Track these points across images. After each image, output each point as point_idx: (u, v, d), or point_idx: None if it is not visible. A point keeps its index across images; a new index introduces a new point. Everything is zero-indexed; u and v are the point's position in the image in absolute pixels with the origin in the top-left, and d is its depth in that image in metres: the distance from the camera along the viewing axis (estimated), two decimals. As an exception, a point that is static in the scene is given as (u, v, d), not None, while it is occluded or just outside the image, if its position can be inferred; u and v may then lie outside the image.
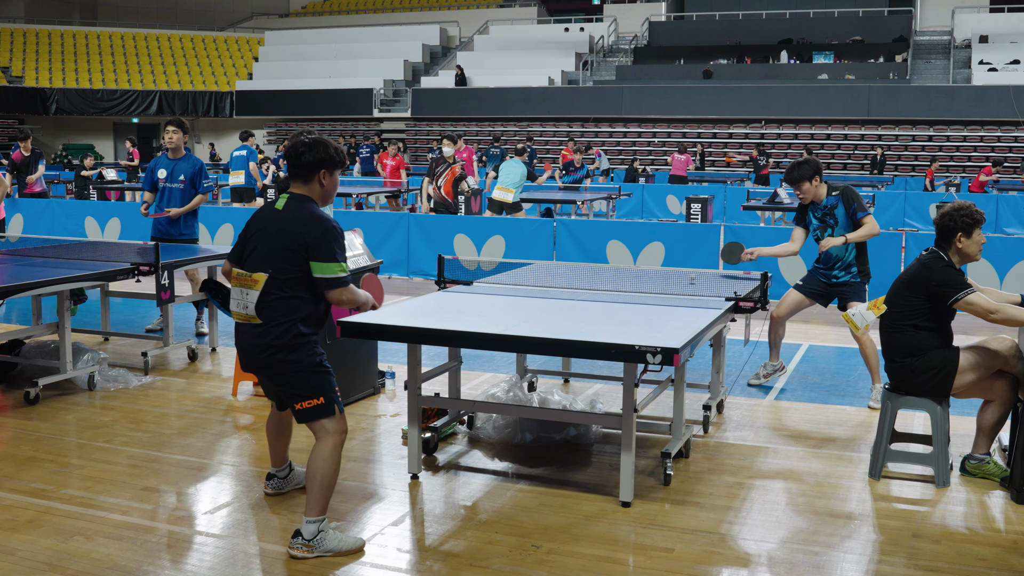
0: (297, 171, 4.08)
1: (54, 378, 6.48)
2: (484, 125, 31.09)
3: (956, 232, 4.96)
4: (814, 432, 5.91)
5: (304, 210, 4.04)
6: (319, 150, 4.06)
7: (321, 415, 4.05)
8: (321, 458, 4.03)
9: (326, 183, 4.12)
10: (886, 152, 25.56)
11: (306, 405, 4.04)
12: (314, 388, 4.05)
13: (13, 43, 34.86)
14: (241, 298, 4.06)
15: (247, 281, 4.03)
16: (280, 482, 4.72)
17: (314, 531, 4.00)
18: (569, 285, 6.09)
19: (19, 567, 3.91)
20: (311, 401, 4.04)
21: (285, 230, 4.00)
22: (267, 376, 4.17)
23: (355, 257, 6.32)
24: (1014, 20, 29.51)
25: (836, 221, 6.46)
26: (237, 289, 4.09)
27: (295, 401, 4.06)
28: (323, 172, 4.09)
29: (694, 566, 4.01)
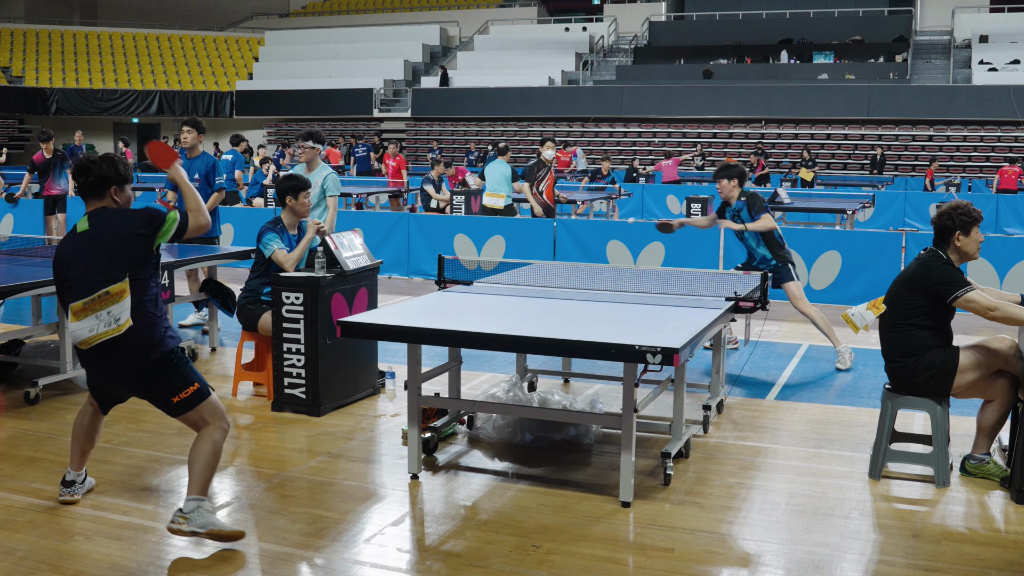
0: (87, 190, 4.15)
1: (54, 378, 6.48)
2: (484, 125, 31.10)
3: (954, 231, 4.96)
4: (814, 432, 5.91)
5: (114, 212, 4.14)
6: (105, 167, 4.13)
7: (197, 401, 4.13)
8: (202, 440, 4.13)
9: (119, 199, 4.21)
10: (886, 152, 25.57)
11: (183, 395, 4.11)
12: (185, 377, 4.12)
13: (13, 43, 34.87)
14: (102, 319, 4.01)
15: (105, 300, 4.01)
16: (79, 487, 4.60)
17: (193, 507, 4.07)
18: (569, 285, 6.09)
19: (19, 567, 3.91)
20: (187, 390, 4.11)
21: (113, 236, 4.06)
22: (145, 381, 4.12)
23: (355, 257, 6.33)
24: (1014, 20, 29.50)
25: (742, 221, 7.44)
26: (92, 316, 4.02)
27: (172, 395, 4.10)
28: (113, 188, 4.17)
29: (694, 566, 4.01)
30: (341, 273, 6.18)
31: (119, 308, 4.01)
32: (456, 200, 15.35)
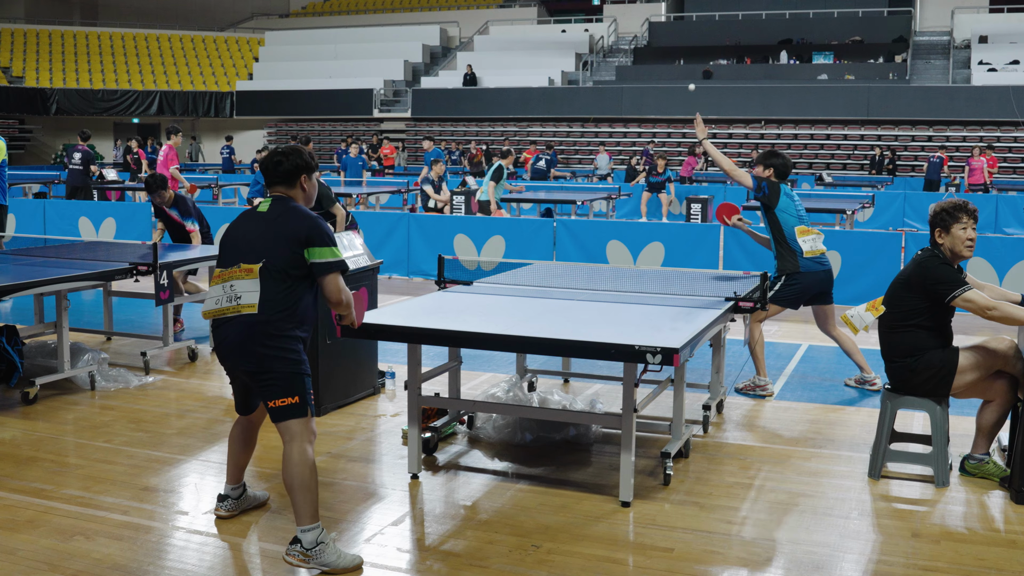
0: (277, 179, 4.17)
1: (52, 377, 6.48)
2: (484, 125, 31.09)
3: (934, 228, 4.98)
4: (814, 432, 5.92)
5: (292, 207, 4.13)
6: (295, 158, 4.19)
7: (292, 415, 4.01)
8: (292, 463, 3.98)
9: (307, 187, 4.24)
10: (897, 152, 25.54)
11: (279, 403, 4.00)
12: (292, 387, 4.01)
13: (13, 43, 34.86)
14: (225, 292, 4.01)
15: (235, 273, 4.00)
16: (234, 503, 4.47)
17: (312, 540, 3.91)
18: (569, 285, 6.09)
19: (19, 567, 3.91)
20: (286, 400, 4.00)
21: (278, 226, 4.05)
22: (253, 366, 4.01)
23: (355, 257, 6.32)
24: (1014, 20, 29.50)
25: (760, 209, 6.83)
26: (219, 285, 4.04)
27: (271, 398, 4.01)
28: (303, 177, 4.21)
29: (694, 566, 4.01)
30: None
31: (243, 286, 3.98)
32: (456, 200, 15.36)
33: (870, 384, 6.93)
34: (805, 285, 6.70)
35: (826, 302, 6.89)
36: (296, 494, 3.95)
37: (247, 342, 3.98)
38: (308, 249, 4.01)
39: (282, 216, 4.08)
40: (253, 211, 4.20)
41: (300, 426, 4.02)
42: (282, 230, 4.02)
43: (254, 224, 4.12)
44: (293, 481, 3.96)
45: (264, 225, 4.08)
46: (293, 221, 4.05)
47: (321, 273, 4.06)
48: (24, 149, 33.56)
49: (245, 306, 3.97)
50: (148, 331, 8.42)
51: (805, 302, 6.85)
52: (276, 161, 4.18)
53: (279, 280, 3.99)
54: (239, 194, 21.02)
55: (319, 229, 4.06)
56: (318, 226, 4.07)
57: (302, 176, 4.20)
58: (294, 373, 4.01)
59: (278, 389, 3.99)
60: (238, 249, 4.07)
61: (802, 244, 6.66)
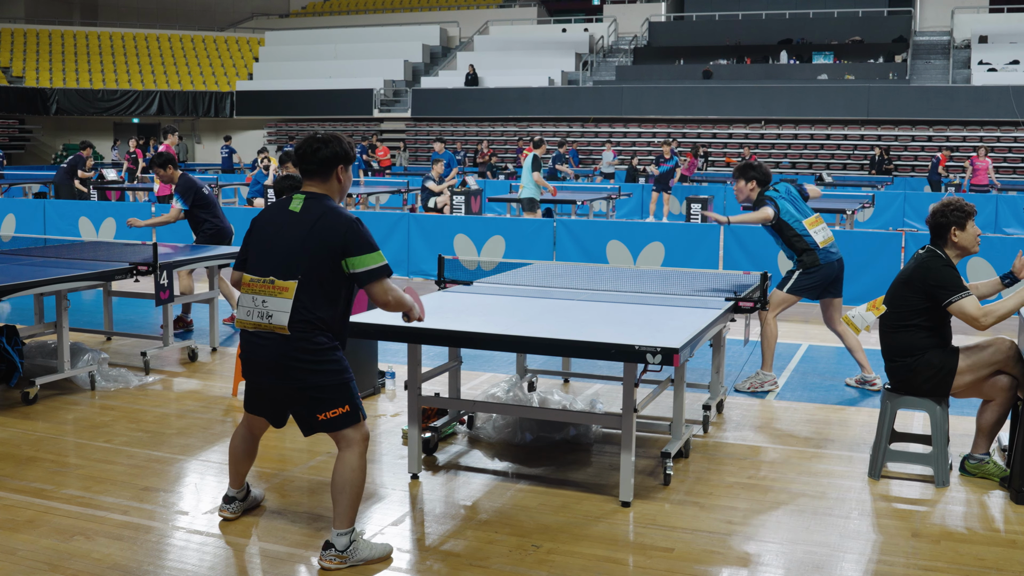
0: (314, 167, 3.93)
1: (52, 377, 6.48)
2: (484, 125, 31.10)
3: (950, 227, 4.97)
4: (814, 432, 5.92)
5: (328, 209, 3.88)
6: (335, 145, 3.94)
7: (347, 424, 3.90)
8: (350, 468, 3.90)
9: (343, 179, 4.01)
10: (890, 153, 25.54)
11: (331, 415, 3.88)
12: (342, 397, 3.89)
13: (13, 43, 34.86)
14: (257, 306, 3.85)
15: (270, 289, 3.83)
16: (240, 505, 4.41)
17: (346, 543, 3.90)
18: (569, 285, 6.09)
19: (19, 567, 3.91)
20: (337, 410, 3.88)
21: (312, 232, 3.82)
22: (297, 383, 3.88)
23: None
24: (1014, 20, 29.50)
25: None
26: (251, 296, 3.88)
27: (320, 411, 3.87)
28: (340, 167, 3.97)
29: (694, 566, 4.01)
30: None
31: (276, 304, 3.81)
32: (456, 200, 15.37)
33: (870, 384, 6.92)
34: (824, 275, 6.80)
35: (837, 293, 6.96)
36: (344, 497, 3.89)
37: (285, 360, 3.84)
38: (347, 260, 3.82)
39: (319, 221, 3.83)
40: (284, 208, 3.95)
41: (355, 432, 3.93)
42: (320, 239, 3.80)
43: (288, 228, 3.87)
44: (345, 485, 3.89)
45: (299, 230, 3.84)
46: (330, 228, 3.81)
47: (365, 283, 3.89)
48: (24, 149, 33.57)
49: (277, 326, 3.82)
50: (148, 331, 8.43)
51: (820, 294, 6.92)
52: (314, 148, 3.92)
53: (316, 294, 3.83)
54: (239, 194, 21.02)
55: (358, 235, 3.83)
56: (357, 231, 3.83)
57: (339, 166, 3.96)
58: (341, 383, 3.90)
59: (328, 402, 3.88)
60: (272, 256, 3.87)
61: (815, 236, 6.76)
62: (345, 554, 3.89)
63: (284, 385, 3.91)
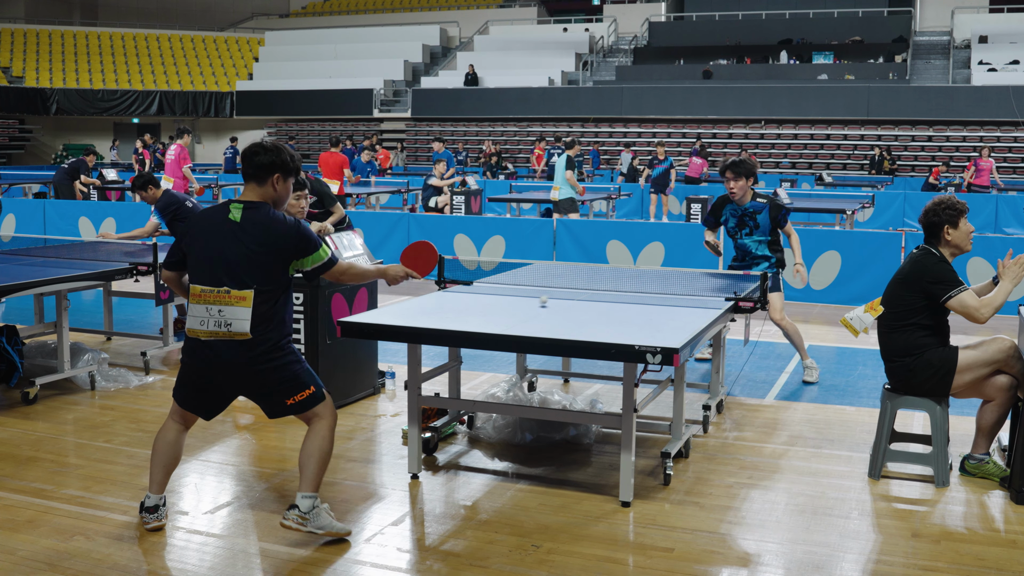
0: (251, 171, 4.09)
1: (52, 377, 6.48)
2: (484, 125, 31.10)
3: (943, 225, 4.98)
4: (814, 432, 5.92)
5: (270, 216, 4.04)
6: (274, 155, 4.09)
7: (313, 404, 4.15)
8: (320, 437, 4.15)
9: (279, 188, 4.13)
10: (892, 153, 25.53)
11: (298, 398, 4.11)
12: (304, 381, 4.12)
13: (13, 43, 34.86)
14: (213, 316, 3.97)
15: (226, 299, 3.95)
16: (164, 510, 4.32)
17: (310, 506, 4.11)
18: (569, 285, 6.09)
19: (19, 567, 3.91)
20: (303, 393, 4.11)
21: (258, 242, 3.97)
22: (255, 387, 4.09)
23: (355, 257, 6.32)
24: (1014, 20, 29.51)
25: (756, 224, 7.02)
26: (204, 306, 3.98)
27: (287, 397, 4.10)
28: (277, 176, 4.10)
29: (694, 566, 4.01)
30: (341, 273, 6.18)
31: (233, 313, 3.95)
32: (456, 200, 15.37)
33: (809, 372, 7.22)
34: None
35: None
36: (312, 463, 4.12)
37: (248, 365, 4.00)
38: (297, 262, 4.06)
39: (265, 230, 3.98)
40: (223, 216, 4.03)
41: (324, 408, 4.19)
42: (270, 249, 3.97)
43: (232, 239, 3.98)
44: (315, 452, 4.12)
45: (244, 240, 3.96)
46: (280, 236, 3.99)
47: (316, 276, 4.17)
48: (24, 149, 33.58)
49: (238, 333, 3.97)
50: (148, 331, 8.43)
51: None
52: (253, 152, 4.09)
53: (268, 299, 4.00)
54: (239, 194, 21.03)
55: (304, 238, 4.05)
56: (301, 234, 4.04)
57: (276, 175, 4.09)
58: (300, 371, 4.12)
59: (291, 388, 4.10)
60: (221, 266, 3.97)
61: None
62: (308, 516, 4.11)
63: (248, 385, 4.11)
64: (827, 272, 10.34)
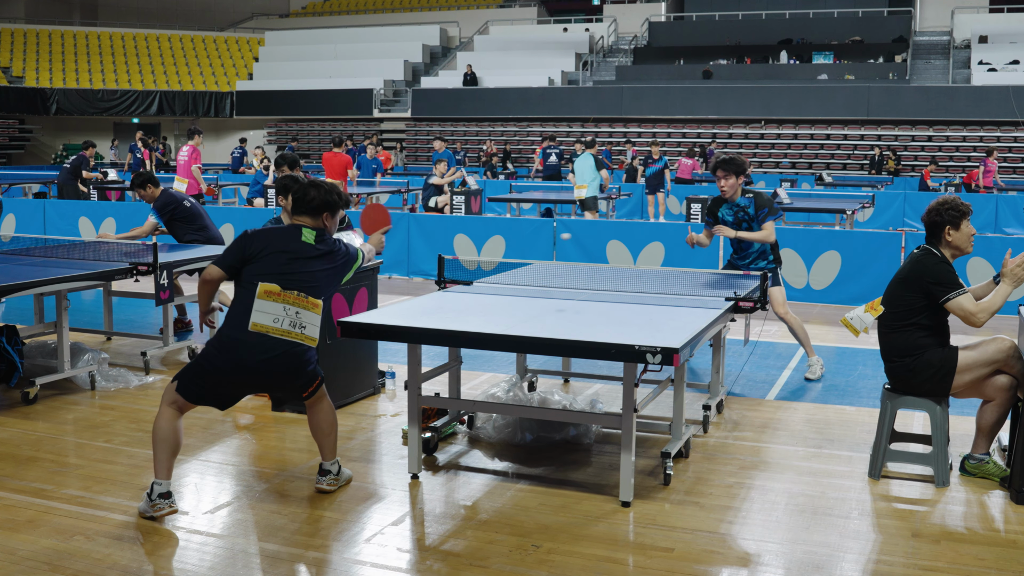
0: (303, 208, 4.61)
1: (52, 377, 6.48)
2: (484, 125, 31.11)
3: (944, 226, 4.97)
4: (814, 432, 5.92)
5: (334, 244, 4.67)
6: (326, 194, 4.62)
7: (319, 389, 4.67)
8: (328, 412, 4.71)
9: (328, 223, 4.66)
10: (898, 153, 25.55)
11: (311, 389, 4.62)
12: (318, 375, 4.63)
13: (13, 43, 34.86)
14: (290, 316, 4.39)
15: (304, 303, 4.43)
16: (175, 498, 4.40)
17: (337, 468, 4.79)
18: (569, 285, 6.09)
19: (19, 567, 3.91)
20: (314, 384, 4.62)
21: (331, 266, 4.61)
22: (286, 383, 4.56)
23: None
24: (1014, 20, 29.51)
25: (751, 218, 7.07)
26: (280, 305, 4.38)
27: (305, 391, 4.60)
28: (326, 215, 4.63)
29: (694, 566, 4.01)
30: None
31: (310, 318, 4.45)
32: (456, 200, 15.37)
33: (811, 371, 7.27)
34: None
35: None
36: (329, 436, 4.71)
37: (301, 367, 4.47)
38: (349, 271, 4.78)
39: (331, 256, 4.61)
40: (297, 236, 4.54)
41: (324, 390, 4.71)
42: (336, 270, 4.64)
43: (307, 258, 4.52)
44: (330, 427, 4.70)
45: (320, 262, 4.55)
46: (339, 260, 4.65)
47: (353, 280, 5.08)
48: (24, 149, 33.58)
49: (309, 338, 4.46)
50: (148, 331, 8.43)
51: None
52: (305, 192, 4.60)
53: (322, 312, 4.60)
54: (239, 194, 21.02)
55: (352, 260, 4.77)
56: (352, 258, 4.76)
57: (325, 213, 4.61)
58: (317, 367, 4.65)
59: (310, 382, 4.60)
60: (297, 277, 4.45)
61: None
62: (338, 477, 4.79)
63: (291, 382, 4.54)
64: (827, 272, 10.34)
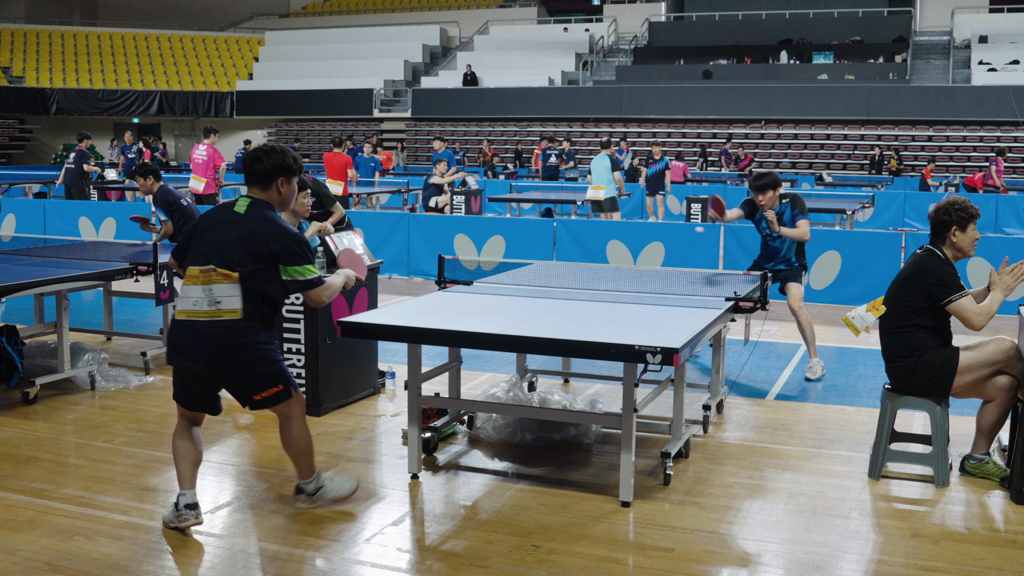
0: (255, 177, 4.18)
1: (52, 377, 6.48)
2: (484, 125, 31.10)
3: (951, 226, 4.96)
4: (814, 432, 5.92)
5: (267, 218, 4.12)
6: (277, 158, 4.17)
7: (281, 399, 4.25)
8: (295, 435, 4.35)
9: (284, 190, 4.22)
10: (899, 152, 25.54)
11: (266, 394, 4.21)
12: (274, 378, 4.20)
13: (13, 43, 34.86)
14: (204, 295, 4.05)
15: (215, 276, 4.04)
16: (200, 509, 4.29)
17: (314, 488, 4.46)
18: (569, 285, 6.09)
19: (19, 567, 3.91)
20: (271, 389, 4.21)
21: (250, 235, 4.07)
22: (237, 372, 4.14)
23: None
24: (1014, 20, 29.51)
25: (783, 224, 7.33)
26: (196, 287, 4.06)
27: (255, 392, 4.20)
28: (281, 179, 4.19)
29: (694, 566, 4.01)
30: (341, 273, 6.18)
31: (224, 291, 4.03)
32: (456, 200, 15.36)
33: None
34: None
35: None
36: (299, 459, 4.41)
37: (230, 350, 4.07)
38: (280, 266, 4.09)
39: (257, 226, 4.08)
40: (230, 208, 4.19)
41: (291, 405, 4.30)
42: (254, 242, 4.05)
43: (229, 227, 4.11)
44: (296, 450, 4.38)
45: (239, 230, 4.08)
46: (266, 234, 4.06)
47: (300, 290, 4.18)
48: (24, 149, 33.57)
49: (226, 311, 4.04)
50: (148, 331, 8.42)
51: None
52: (255, 158, 4.18)
53: (254, 288, 4.07)
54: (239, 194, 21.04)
55: (291, 247, 4.09)
56: (290, 244, 4.09)
57: (280, 178, 4.18)
58: (275, 370, 4.21)
59: (262, 384, 4.20)
60: (214, 249, 4.08)
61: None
62: (315, 497, 4.49)
63: (226, 371, 4.15)
64: (827, 272, 10.33)
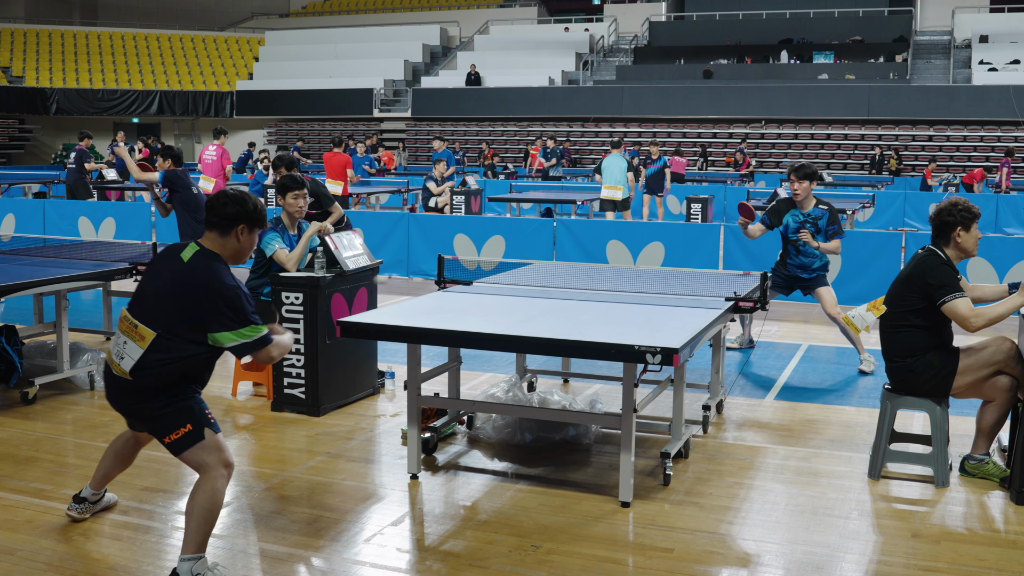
0: (216, 220, 3.86)
1: (51, 377, 6.48)
2: (484, 125, 31.10)
3: (955, 227, 4.95)
4: (814, 432, 5.91)
5: (209, 272, 3.76)
6: (240, 204, 3.86)
7: (191, 442, 3.77)
8: (201, 491, 3.74)
9: (243, 240, 3.90)
10: (899, 152, 25.54)
11: (174, 436, 3.78)
12: (180, 419, 3.79)
13: (13, 43, 34.86)
14: (119, 346, 3.79)
15: (132, 332, 3.75)
16: (90, 507, 4.38)
17: (188, 571, 3.66)
18: (569, 285, 6.09)
19: (19, 567, 3.91)
20: (179, 431, 3.78)
21: (185, 290, 3.73)
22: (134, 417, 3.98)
23: (355, 257, 6.33)
24: (1014, 20, 29.50)
25: (818, 230, 7.31)
26: (120, 335, 3.80)
27: (163, 435, 3.81)
28: (242, 227, 3.88)
29: (694, 566, 4.01)
30: (341, 273, 6.19)
31: (131, 350, 3.73)
32: (456, 200, 15.36)
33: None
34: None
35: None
36: (192, 523, 3.72)
37: (135, 404, 3.83)
38: (209, 334, 3.73)
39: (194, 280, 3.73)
40: (176, 254, 3.86)
41: (203, 453, 3.78)
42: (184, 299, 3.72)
43: (170, 276, 3.79)
44: (193, 511, 3.72)
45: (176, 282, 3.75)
46: (198, 294, 3.71)
47: (242, 354, 3.81)
48: (24, 149, 33.57)
49: (122, 371, 3.77)
50: (148, 331, 8.41)
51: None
52: (220, 202, 3.86)
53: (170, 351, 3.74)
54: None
55: (220, 313, 3.71)
56: (220, 309, 3.71)
57: (241, 226, 3.86)
58: (179, 410, 3.80)
59: (167, 426, 3.80)
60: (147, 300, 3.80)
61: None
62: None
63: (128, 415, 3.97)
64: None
